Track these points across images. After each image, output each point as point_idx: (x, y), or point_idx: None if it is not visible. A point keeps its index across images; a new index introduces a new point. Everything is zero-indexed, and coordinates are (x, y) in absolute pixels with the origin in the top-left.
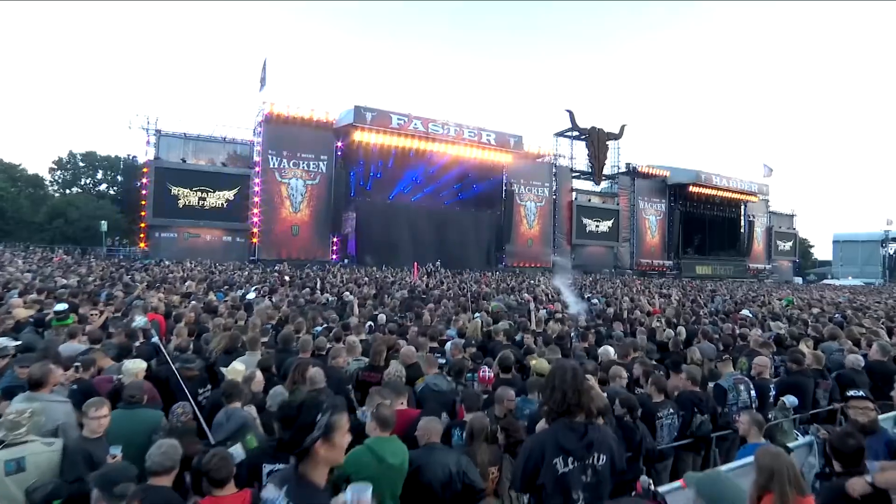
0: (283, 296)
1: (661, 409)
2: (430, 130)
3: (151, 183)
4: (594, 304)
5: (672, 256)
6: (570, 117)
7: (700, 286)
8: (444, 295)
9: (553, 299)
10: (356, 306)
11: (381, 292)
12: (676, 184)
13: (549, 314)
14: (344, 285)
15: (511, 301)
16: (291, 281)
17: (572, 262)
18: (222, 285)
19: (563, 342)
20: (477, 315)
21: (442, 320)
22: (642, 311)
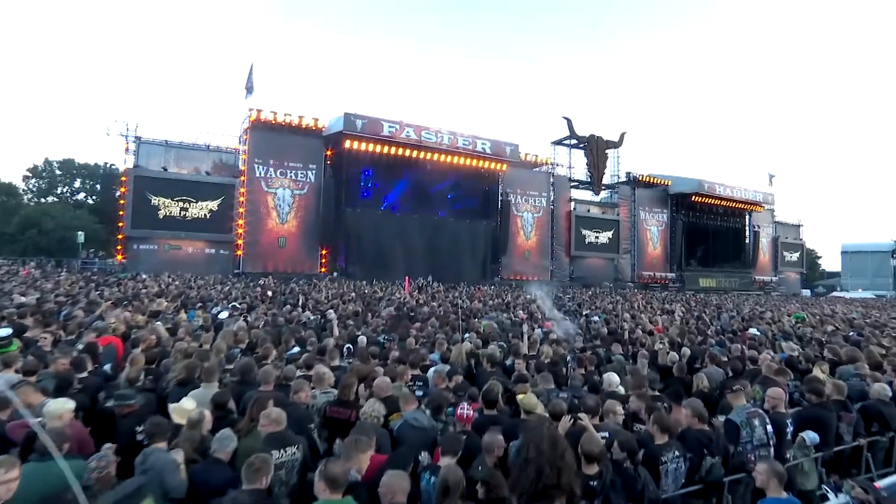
0: (262, 314)
1: (666, 452)
2: (422, 138)
3: (130, 192)
4: (594, 321)
5: (675, 268)
6: (569, 125)
7: (705, 300)
8: (433, 312)
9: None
10: (335, 327)
11: (366, 310)
12: (678, 193)
13: (545, 334)
14: (328, 302)
15: (504, 319)
16: (273, 297)
17: (571, 273)
18: (198, 302)
19: (557, 368)
20: (467, 335)
21: (427, 343)
22: (644, 329)
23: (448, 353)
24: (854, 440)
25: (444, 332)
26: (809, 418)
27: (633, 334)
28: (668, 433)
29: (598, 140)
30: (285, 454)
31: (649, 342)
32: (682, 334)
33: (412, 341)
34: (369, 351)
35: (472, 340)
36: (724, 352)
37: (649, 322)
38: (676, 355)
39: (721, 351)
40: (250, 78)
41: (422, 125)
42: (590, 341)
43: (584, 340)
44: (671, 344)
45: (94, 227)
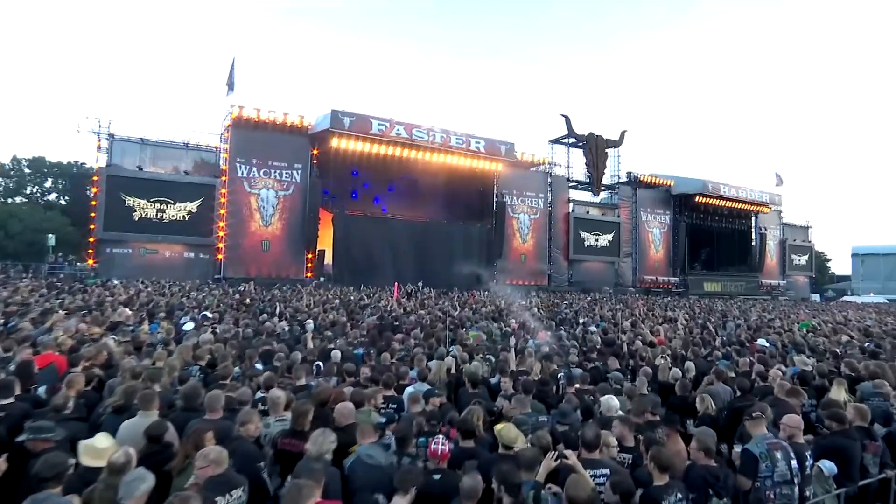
0: (232, 325)
1: (667, 496)
2: (413, 137)
3: (102, 192)
4: (591, 332)
5: (678, 272)
6: (567, 123)
7: (709, 306)
8: (420, 321)
9: (547, 326)
10: (310, 340)
11: (348, 319)
12: (682, 194)
13: (537, 347)
14: (309, 310)
15: (494, 329)
16: (250, 305)
17: (570, 278)
18: (167, 311)
19: (546, 388)
20: (452, 348)
21: (408, 357)
22: (644, 340)
23: (427, 370)
24: (881, 472)
25: (426, 345)
26: (831, 448)
27: (632, 346)
28: (669, 472)
29: (597, 139)
30: (231, 499)
31: (650, 355)
32: (685, 346)
33: (387, 356)
34: (343, 368)
35: (457, 354)
36: (732, 366)
37: (650, 332)
38: (679, 371)
39: (728, 365)
40: (232, 73)
41: (413, 123)
42: (585, 354)
43: (579, 353)
44: (673, 357)
45: (66, 230)
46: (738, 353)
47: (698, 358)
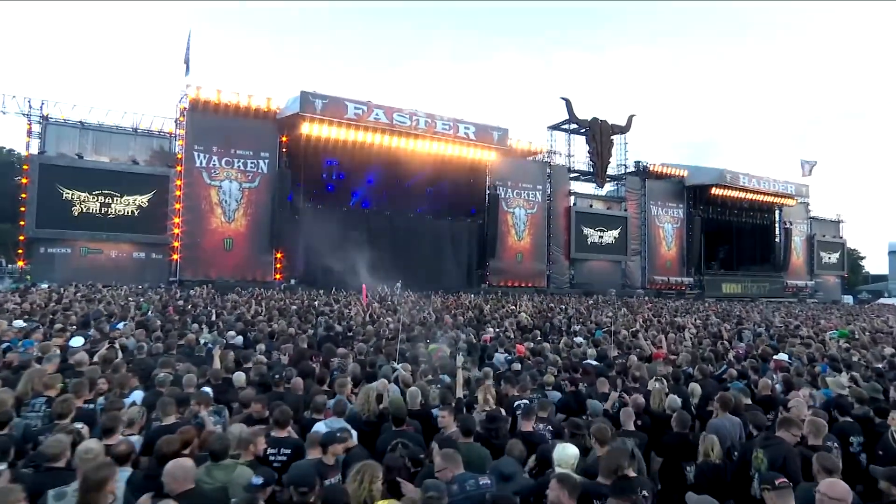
0: (143, 339)
1: None
2: (394, 122)
3: (34, 184)
4: (578, 343)
5: (693, 272)
6: (567, 107)
7: (727, 310)
8: (378, 331)
9: (532, 336)
10: (217, 358)
11: (298, 329)
12: (696, 185)
13: (508, 362)
14: (254, 319)
15: (462, 341)
16: (185, 313)
17: (571, 279)
18: (83, 322)
19: (495, 427)
20: (397, 366)
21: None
22: (642, 355)
23: (350, 397)
24: None
25: (368, 363)
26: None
27: (625, 361)
28: None
29: (601, 124)
30: None
31: (645, 374)
32: (692, 361)
33: (299, 382)
34: (241, 397)
35: (401, 376)
36: (746, 390)
37: (653, 344)
38: (678, 399)
39: (742, 389)
40: (188, 49)
41: (394, 106)
42: (568, 373)
43: (560, 371)
44: (675, 378)
45: (5, 228)
46: (755, 371)
47: (707, 378)
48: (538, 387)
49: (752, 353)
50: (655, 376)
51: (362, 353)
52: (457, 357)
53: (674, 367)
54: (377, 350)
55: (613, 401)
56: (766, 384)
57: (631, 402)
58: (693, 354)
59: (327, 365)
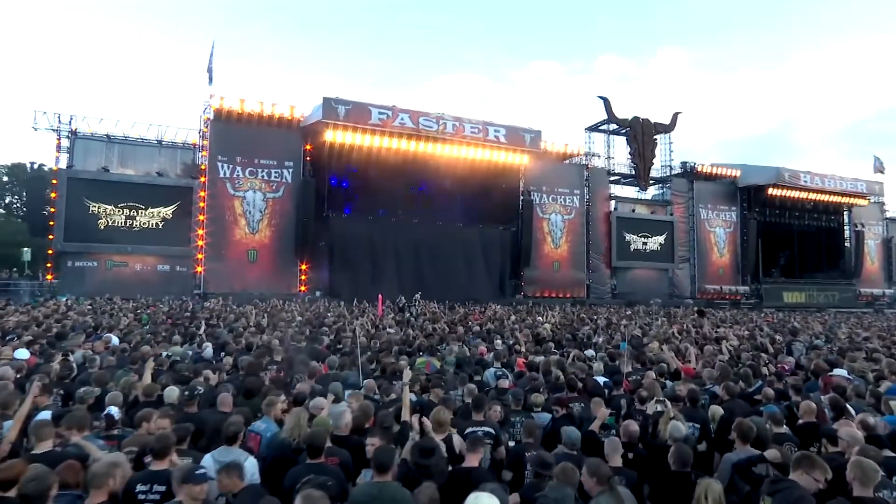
0: (100, 350)
1: None
2: (420, 126)
3: (62, 198)
4: (588, 357)
5: (749, 280)
6: (606, 106)
7: (783, 321)
8: (386, 343)
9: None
10: (148, 372)
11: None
12: (750, 186)
13: (496, 378)
14: (245, 330)
15: (461, 353)
16: (177, 324)
17: (613, 289)
18: (60, 335)
19: (428, 461)
20: (360, 385)
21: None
22: (662, 370)
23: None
24: None
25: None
26: None
27: (641, 377)
28: None
29: (643, 123)
30: None
31: (657, 394)
32: (722, 377)
33: (227, 399)
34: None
35: (357, 394)
36: (780, 414)
37: (675, 357)
38: (682, 427)
39: (773, 415)
40: (211, 59)
41: (419, 111)
42: (555, 392)
43: (552, 390)
44: (692, 398)
45: (43, 242)
46: (798, 391)
47: (734, 399)
48: (522, 408)
49: (802, 368)
50: (657, 397)
51: (334, 366)
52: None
53: (699, 383)
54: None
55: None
56: (810, 408)
57: (622, 430)
58: (725, 370)
59: (285, 382)
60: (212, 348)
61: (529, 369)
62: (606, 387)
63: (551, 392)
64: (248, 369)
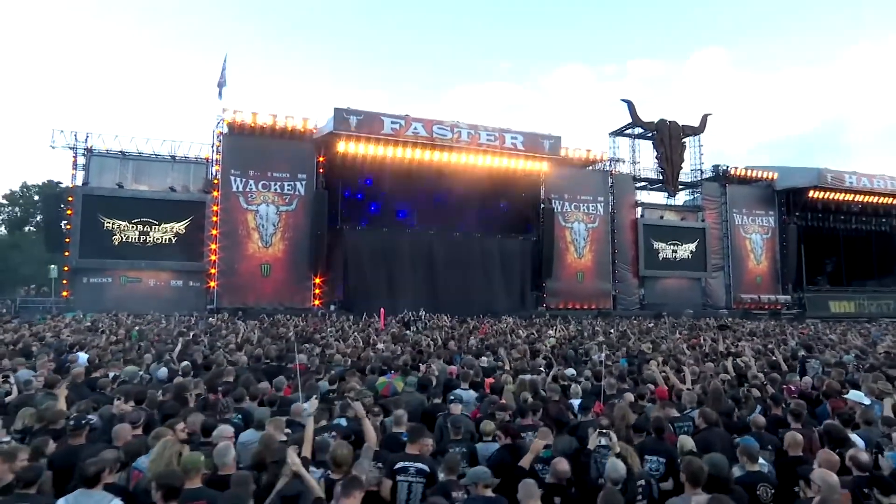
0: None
1: None
2: (434, 135)
3: (77, 215)
4: (568, 376)
5: (792, 289)
6: (630, 109)
7: (818, 333)
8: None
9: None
10: (61, 398)
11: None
12: (790, 189)
13: (450, 402)
14: (224, 347)
15: (443, 369)
16: (158, 341)
17: (641, 299)
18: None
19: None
20: (307, 405)
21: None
22: (643, 394)
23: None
24: None
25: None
26: None
27: (616, 397)
28: None
29: (670, 126)
30: None
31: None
32: (714, 402)
33: (123, 431)
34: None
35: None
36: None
37: (671, 377)
38: (620, 465)
39: (748, 448)
40: (223, 73)
41: (433, 119)
42: (519, 417)
43: (515, 415)
44: (657, 428)
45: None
46: (797, 418)
47: (712, 428)
48: (462, 438)
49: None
50: (599, 428)
51: (281, 386)
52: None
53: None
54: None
55: (532, 455)
56: (795, 440)
57: (551, 468)
58: (716, 392)
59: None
60: (166, 369)
61: (492, 391)
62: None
63: (518, 417)
64: (175, 391)
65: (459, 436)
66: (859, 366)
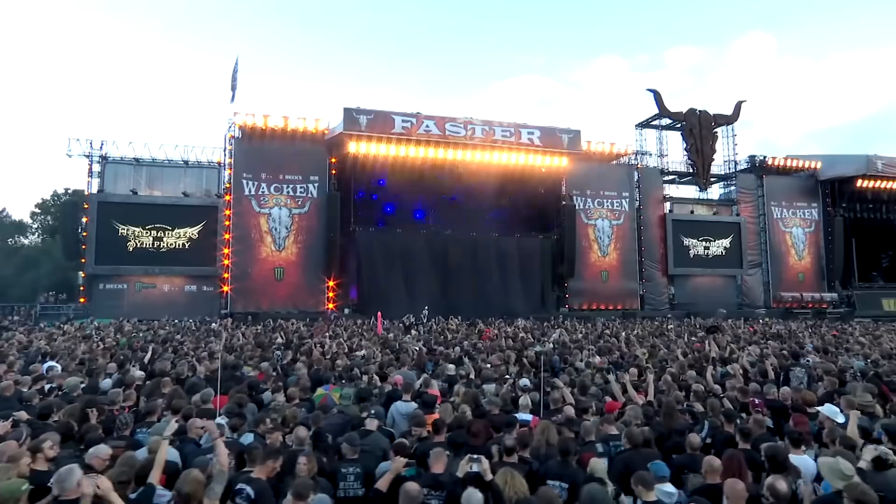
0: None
1: None
2: (447, 133)
3: (93, 222)
4: (522, 387)
5: (838, 286)
6: (656, 99)
7: (844, 335)
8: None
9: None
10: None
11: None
12: (834, 178)
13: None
14: (199, 353)
15: (352, 386)
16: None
17: (671, 299)
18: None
19: None
20: (222, 421)
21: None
22: (586, 408)
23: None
24: None
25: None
26: None
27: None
28: None
29: (701, 115)
30: None
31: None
32: (666, 417)
33: (8, 447)
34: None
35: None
36: (647, 476)
37: (619, 390)
38: (479, 498)
39: (640, 475)
40: (235, 75)
41: (446, 116)
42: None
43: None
44: (563, 450)
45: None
46: (745, 437)
47: (637, 449)
48: (359, 459)
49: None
50: (470, 454)
51: (207, 399)
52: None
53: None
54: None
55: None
56: (712, 466)
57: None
58: (668, 406)
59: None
60: (111, 381)
61: (423, 404)
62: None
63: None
64: (81, 405)
65: (356, 455)
66: (864, 374)
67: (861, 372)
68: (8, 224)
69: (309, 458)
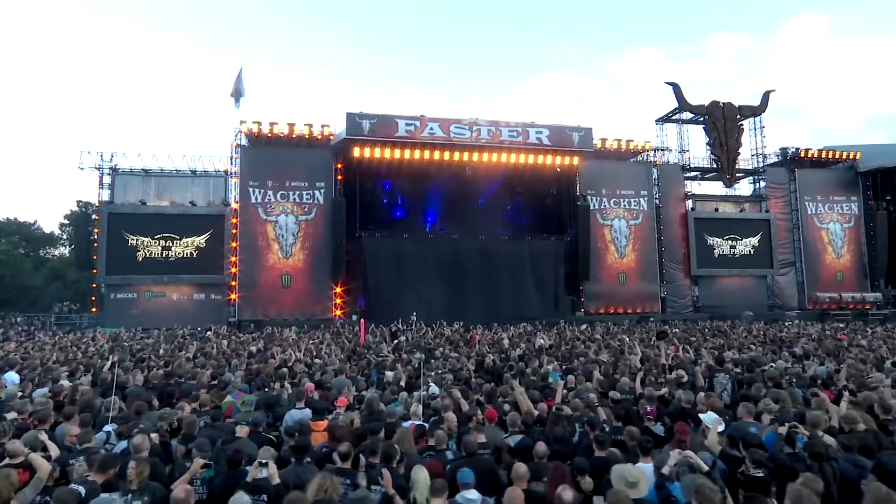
0: None
1: None
2: (452, 135)
3: (104, 232)
4: (432, 394)
5: (881, 286)
6: (675, 92)
7: (851, 340)
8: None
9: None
10: None
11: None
12: (876, 169)
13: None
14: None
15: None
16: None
17: (695, 301)
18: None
19: None
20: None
21: None
22: (470, 416)
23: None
24: None
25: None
26: None
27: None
28: None
29: (724, 108)
30: None
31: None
32: (551, 424)
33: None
34: None
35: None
36: (440, 482)
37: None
38: (246, 500)
39: (436, 482)
40: (239, 82)
41: (450, 118)
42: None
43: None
44: (387, 458)
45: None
46: (602, 447)
47: (474, 457)
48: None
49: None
50: (260, 460)
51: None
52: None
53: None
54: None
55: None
56: (518, 473)
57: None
58: (554, 414)
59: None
60: (45, 389)
61: (314, 411)
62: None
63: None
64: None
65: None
66: (814, 380)
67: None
68: (39, 236)
69: (139, 462)
